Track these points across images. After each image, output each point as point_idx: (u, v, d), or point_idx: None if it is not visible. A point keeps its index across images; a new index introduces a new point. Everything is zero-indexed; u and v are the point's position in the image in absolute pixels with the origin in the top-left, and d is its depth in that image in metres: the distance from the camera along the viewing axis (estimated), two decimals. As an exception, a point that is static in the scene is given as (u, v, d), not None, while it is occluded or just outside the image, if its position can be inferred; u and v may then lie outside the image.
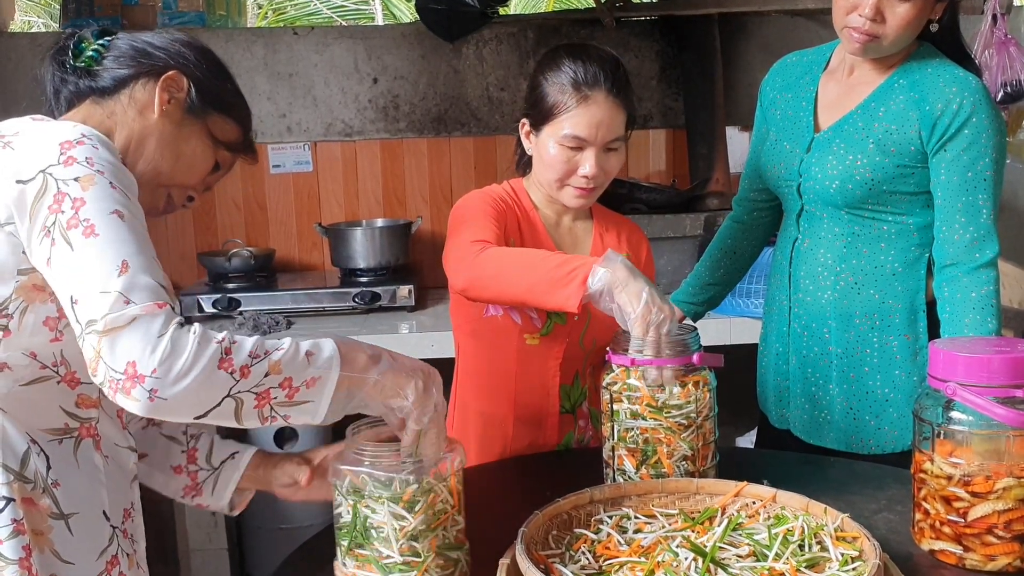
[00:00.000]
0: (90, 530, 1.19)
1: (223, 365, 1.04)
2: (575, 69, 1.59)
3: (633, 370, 1.42)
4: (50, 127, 1.16)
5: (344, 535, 1.17)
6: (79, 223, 1.07)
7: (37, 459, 1.15)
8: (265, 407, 1.08)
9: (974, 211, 1.65)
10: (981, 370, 1.21)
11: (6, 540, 1.11)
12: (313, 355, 1.10)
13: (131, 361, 1.00)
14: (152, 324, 1.02)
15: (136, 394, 1.00)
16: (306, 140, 3.29)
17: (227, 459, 1.40)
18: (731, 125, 3.30)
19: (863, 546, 1.15)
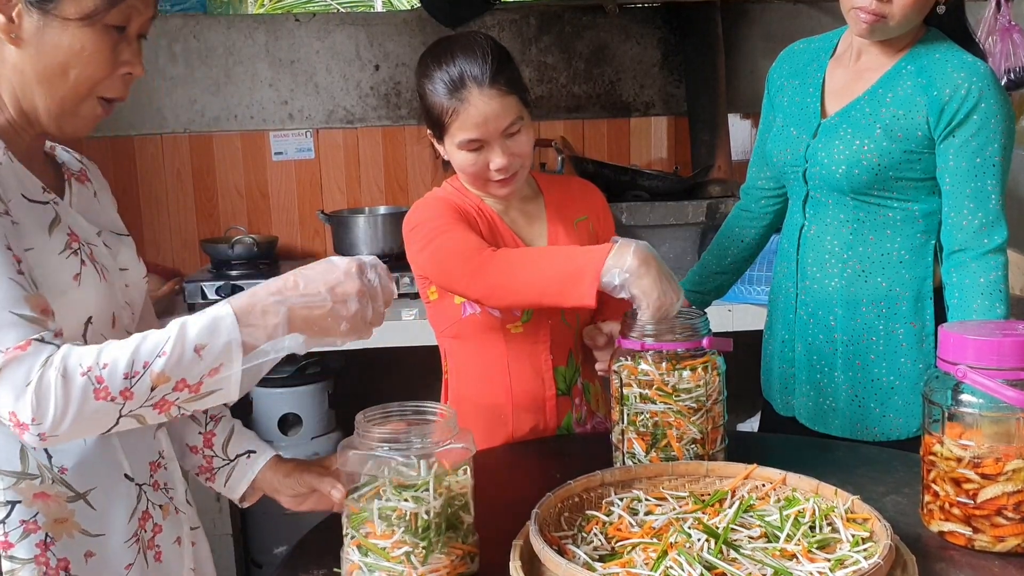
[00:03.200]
0: (113, 497, 1.18)
1: (99, 395, 1.01)
2: (442, 75, 1.58)
3: (642, 354, 1.43)
4: None
5: (353, 522, 1.16)
6: None
7: (35, 453, 1.12)
8: (171, 409, 1.06)
9: (983, 197, 1.65)
10: (991, 353, 1.21)
11: (17, 542, 1.11)
12: (205, 347, 1.04)
13: (10, 412, 1.00)
14: (17, 373, 0.99)
15: (28, 439, 1.01)
16: (308, 127, 3.28)
17: (242, 455, 1.36)
18: (733, 112, 3.30)
19: (874, 527, 1.16)
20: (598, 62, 3.34)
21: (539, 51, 3.30)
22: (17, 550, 1.11)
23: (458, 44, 1.61)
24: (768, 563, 1.10)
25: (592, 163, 2.97)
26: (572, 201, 1.78)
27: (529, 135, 1.63)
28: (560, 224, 1.74)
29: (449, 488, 1.16)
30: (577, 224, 1.75)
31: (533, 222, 1.74)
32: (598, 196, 1.83)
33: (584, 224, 1.76)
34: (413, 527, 1.12)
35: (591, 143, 3.37)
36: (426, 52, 1.65)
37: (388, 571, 1.13)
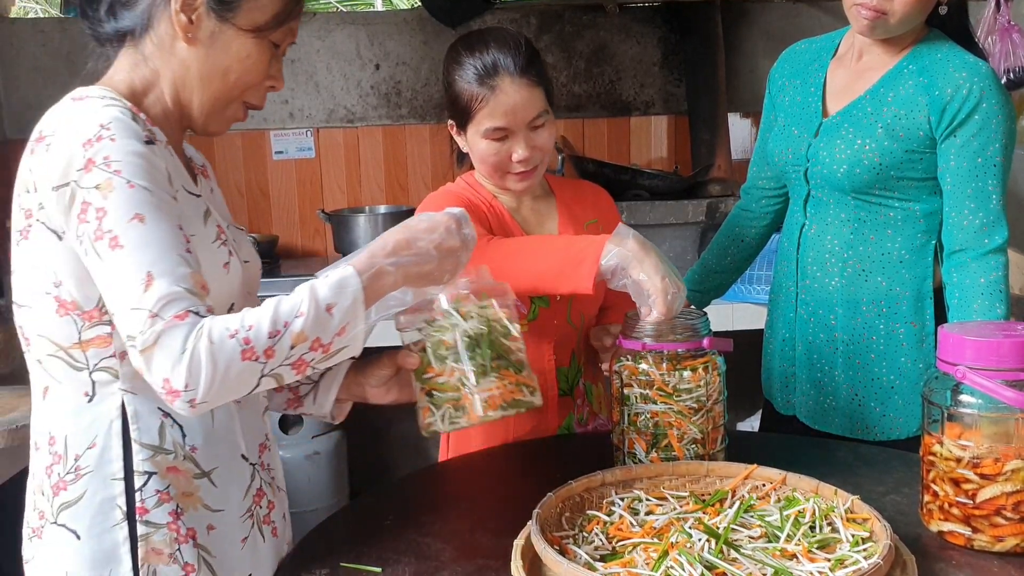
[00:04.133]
0: (232, 476, 1.27)
1: (245, 356, 1.08)
2: (474, 62, 1.59)
3: (643, 354, 1.43)
4: (76, 119, 1.14)
5: (417, 373, 1.32)
6: (103, 235, 1.08)
7: (172, 430, 1.21)
8: (306, 369, 1.14)
9: (983, 197, 1.65)
10: (990, 354, 1.21)
11: (153, 509, 1.20)
12: (335, 305, 1.13)
13: (165, 379, 1.06)
14: (174, 341, 1.06)
15: (178, 405, 1.08)
16: (308, 126, 3.29)
17: (325, 372, 1.43)
18: (733, 112, 3.31)
19: (873, 527, 1.17)
20: (598, 61, 3.34)
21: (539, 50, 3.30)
22: (152, 515, 1.20)
23: (492, 35, 1.64)
24: (768, 563, 1.11)
25: (592, 162, 2.97)
26: (583, 203, 1.78)
27: (552, 131, 1.65)
28: (571, 225, 1.74)
29: (480, 315, 1.29)
30: (587, 227, 1.75)
31: (544, 221, 1.74)
32: (608, 200, 1.84)
33: (594, 227, 1.76)
34: (459, 353, 1.27)
35: (591, 142, 3.38)
36: (457, 41, 1.67)
37: (449, 400, 1.29)
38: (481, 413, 1.27)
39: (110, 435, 1.19)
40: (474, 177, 1.74)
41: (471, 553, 1.27)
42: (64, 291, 1.16)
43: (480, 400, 1.27)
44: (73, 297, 1.16)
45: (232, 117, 1.28)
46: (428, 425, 1.33)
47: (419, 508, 1.42)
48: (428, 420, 1.33)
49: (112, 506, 1.19)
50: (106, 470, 1.19)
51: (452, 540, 1.31)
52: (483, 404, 1.27)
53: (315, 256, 3.34)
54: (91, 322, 1.16)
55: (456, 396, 1.28)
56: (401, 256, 1.21)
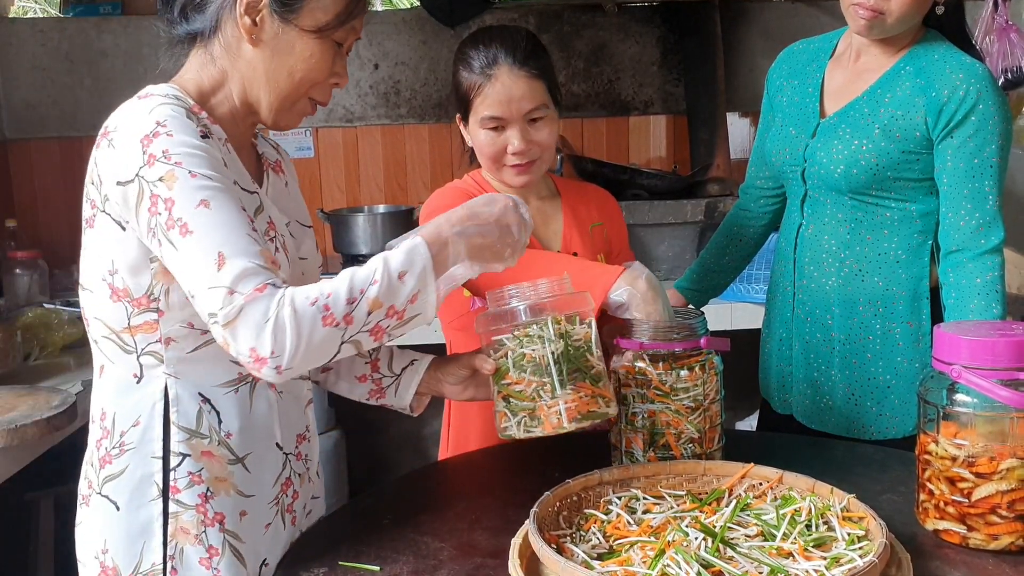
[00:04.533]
0: (265, 463, 1.32)
1: (326, 322, 1.13)
2: (476, 53, 1.63)
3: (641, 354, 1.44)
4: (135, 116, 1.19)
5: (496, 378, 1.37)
6: (174, 224, 1.14)
7: (209, 416, 1.27)
8: (383, 336, 1.19)
9: (980, 197, 1.66)
10: (985, 353, 1.22)
11: (184, 490, 1.26)
12: (406, 273, 1.18)
13: (251, 348, 1.12)
14: (256, 312, 1.11)
15: (265, 372, 1.13)
16: (307, 126, 3.29)
17: (407, 366, 1.50)
18: (732, 111, 3.31)
19: (869, 526, 1.17)
20: (597, 61, 3.35)
21: (538, 50, 3.31)
22: (183, 496, 1.26)
23: (498, 29, 1.68)
24: (765, 561, 1.11)
25: (591, 162, 2.98)
26: (589, 206, 1.79)
27: (552, 128, 1.65)
28: (576, 227, 1.75)
29: (566, 332, 1.33)
30: (592, 230, 1.76)
31: (549, 222, 1.75)
32: (614, 205, 1.85)
33: (599, 230, 1.77)
34: (540, 366, 1.31)
35: (590, 142, 3.38)
36: (466, 37, 1.70)
37: (524, 410, 1.33)
38: (556, 424, 1.31)
39: (153, 416, 1.25)
40: (481, 175, 1.76)
41: (469, 552, 1.27)
42: (118, 279, 1.22)
43: (555, 413, 1.31)
44: (125, 284, 1.22)
45: (301, 112, 1.33)
46: (504, 429, 1.37)
47: (417, 507, 1.43)
48: (504, 425, 1.36)
49: (150, 483, 1.26)
50: (147, 448, 1.26)
51: (450, 539, 1.31)
52: (557, 416, 1.31)
53: (314, 256, 3.34)
54: (139, 309, 1.22)
55: (532, 406, 1.32)
56: (465, 226, 1.26)
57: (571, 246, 1.73)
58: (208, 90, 1.29)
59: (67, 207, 3.25)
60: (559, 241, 1.73)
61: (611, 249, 1.79)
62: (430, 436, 3.30)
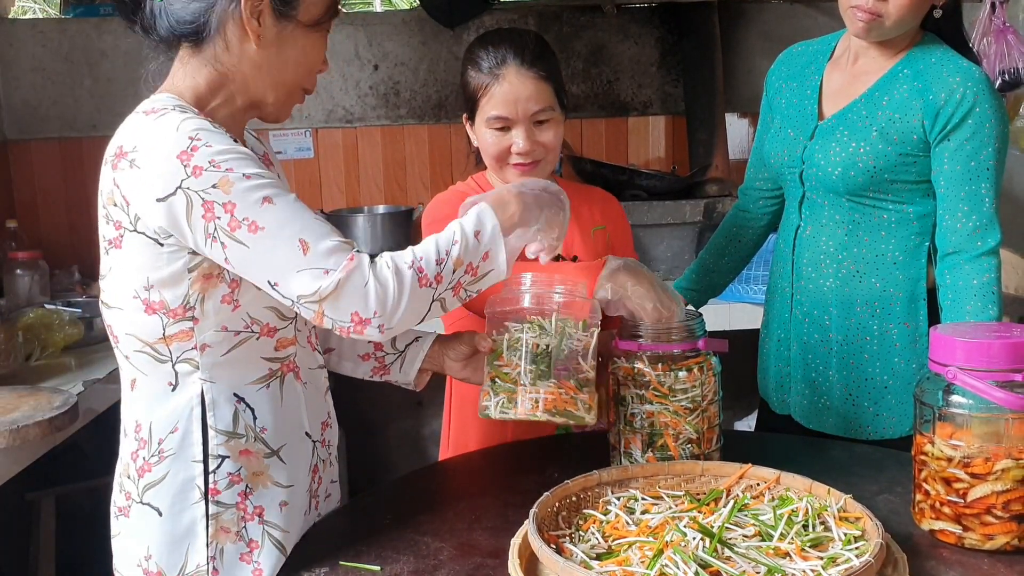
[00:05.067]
0: (298, 452, 1.37)
1: (422, 282, 1.23)
2: (485, 54, 1.64)
3: (639, 355, 1.45)
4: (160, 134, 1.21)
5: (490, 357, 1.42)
6: (240, 224, 1.18)
7: (244, 415, 1.31)
8: (460, 292, 1.29)
9: (976, 200, 1.67)
10: (981, 355, 1.23)
11: (224, 490, 1.30)
12: (480, 232, 1.29)
13: (354, 312, 1.20)
14: (355, 279, 1.19)
15: (369, 332, 1.22)
16: (307, 127, 3.30)
17: (411, 343, 1.56)
18: (731, 112, 3.32)
19: (866, 526, 1.19)
20: (596, 62, 3.36)
21: (538, 51, 3.32)
22: (223, 496, 1.30)
23: (508, 31, 1.69)
24: (762, 561, 1.12)
25: (590, 162, 2.99)
26: (592, 209, 1.79)
27: (558, 130, 1.67)
28: (577, 231, 1.74)
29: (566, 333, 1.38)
30: (594, 233, 1.76)
31: None
32: (618, 208, 1.85)
33: (601, 234, 1.77)
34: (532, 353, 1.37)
35: (589, 142, 3.39)
36: (476, 38, 1.72)
37: (506, 391, 1.38)
38: (530, 409, 1.36)
39: (191, 420, 1.29)
40: (485, 177, 1.77)
41: (469, 552, 1.28)
42: (154, 293, 1.25)
43: (531, 399, 1.36)
44: (162, 298, 1.25)
45: (295, 102, 1.38)
46: (483, 408, 1.42)
47: (417, 507, 1.44)
48: (484, 403, 1.42)
49: (192, 486, 1.29)
50: (187, 453, 1.29)
51: (450, 539, 1.32)
52: (532, 403, 1.36)
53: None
54: (175, 319, 1.26)
55: (513, 389, 1.38)
56: (523, 187, 1.37)
57: (572, 249, 1.73)
58: (206, 94, 1.31)
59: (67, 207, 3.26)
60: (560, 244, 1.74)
61: (614, 252, 1.79)
62: (430, 436, 3.31)
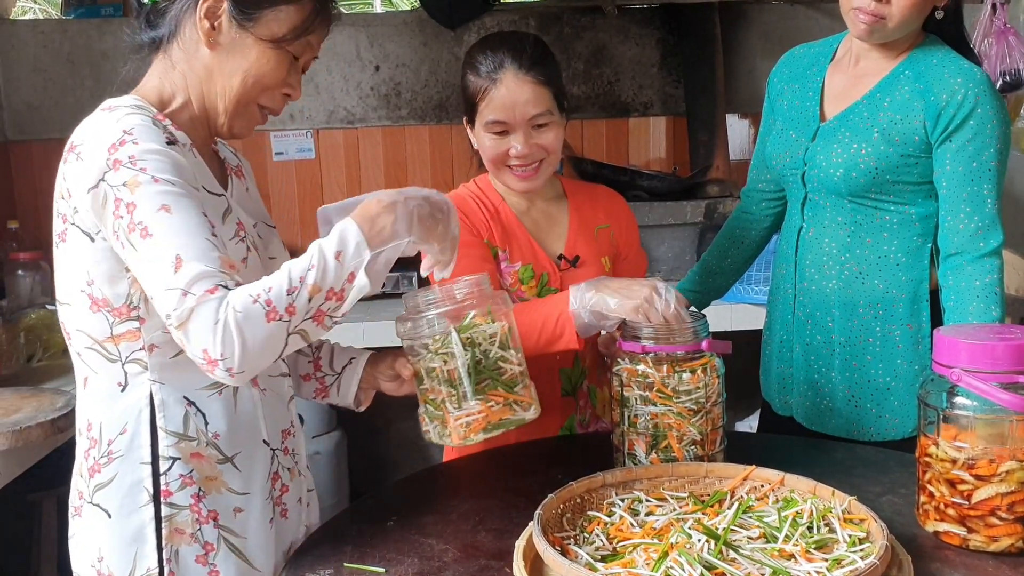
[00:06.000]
0: (254, 460, 1.34)
1: (270, 317, 1.15)
2: (483, 58, 1.63)
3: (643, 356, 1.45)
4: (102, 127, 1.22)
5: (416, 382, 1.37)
6: (135, 227, 1.17)
7: (195, 418, 1.29)
8: (325, 320, 1.21)
9: (979, 201, 1.67)
10: (985, 356, 1.23)
11: (176, 492, 1.28)
12: (342, 253, 1.20)
13: (203, 350, 1.14)
14: (207, 313, 1.13)
15: (218, 373, 1.15)
16: (308, 127, 3.30)
17: (347, 365, 1.52)
18: (731, 112, 3.32)
19: (870, 527, 1.19)
20: (597, 63, 3.36)
21: (538, 52, 3.32)
22: (175, 498, 1.28)
23: (507, 34, 1.69)
24: (767, 563, 1.12)
25: (591, 163, 2.99)
26: (596, 208, 1.79)
27: (558, 134, 1.66)
28: (580, 230, 1.75)
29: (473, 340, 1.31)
30: (598, 232, 1.76)
31: (554, 225, 1.76)
32: (623, 206, 1.84)
33: (605, 232, 1.77)
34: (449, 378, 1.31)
35: (590, 143, 3.39)
36: (475, 42, 1.71)
37: (437, 418, 1.34)
38: (463, 435, 1.31)
39: (139, 422, 1.27)
40: (487, 179, 1.76)
41: (473, 553, 1.28)
42: (96, 289, 1.24)
43: (462, 424, 1.31)
44: (104, 295, 1.24)
45: (253, 119, 1.36)
46: (425, 433, 1.39)
47: (421, 509, 1.44)
48: (425, 428, 1.39)
49: (140, 488, 1.27)
50: (135, 455, 1.27)
51: (454, 541, 1.32)
52: (464, 427, 1.31)
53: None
54: (121, 318, 1.25)
55: (442, 415, 1.33)
56: (396, 198, 1.26)
57: (575, 249, 1.73)
58: (169, 96, 1.32)
59: (68, 208, 3.25)
60: (563, 244, 1.74)
61: (619, 252, 1.80)
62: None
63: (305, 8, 1.31)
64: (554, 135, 1.65)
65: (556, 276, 1.72)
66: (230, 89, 1.30)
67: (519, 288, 1.70)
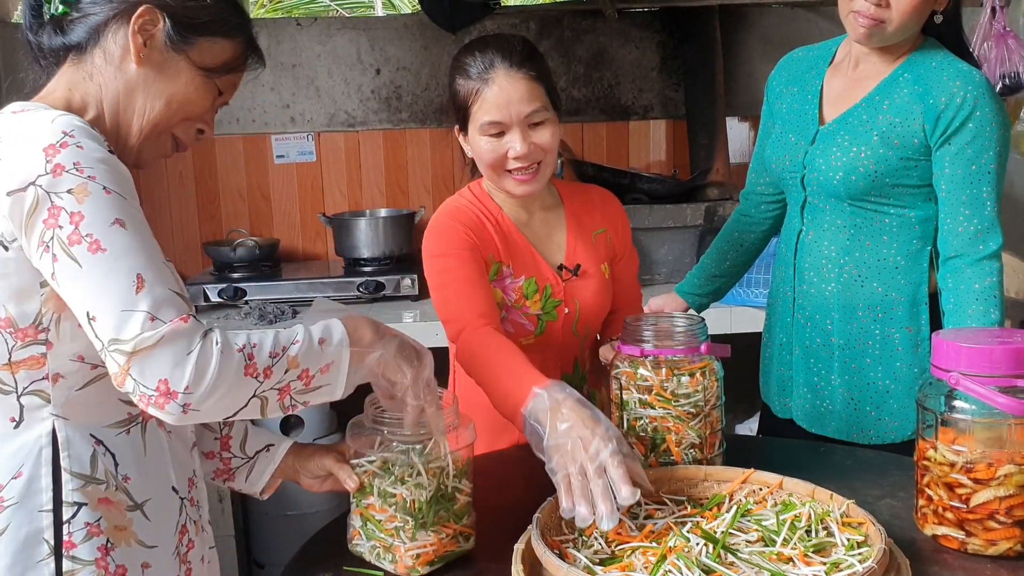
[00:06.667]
0: (164, 509, 1.22)
1: (248, 371, 1.08)
2: (472, 60, 1.60)
3: (642, 360, 1.45)
4: (30, 126, 1.10)
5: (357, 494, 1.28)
6: (81, 239, 1.05)
7: (104, 459, 1.16)
8: (286, 398, 1.13)
9: (978, 204, 1.67)
10: (983, 360, 1.23)
11: (80, 544, 1.13)
12: (325, 341, 1.15)
13: (163, 379, 1.04)
14: (179, 342, 1.04)
15: (170, 408, 1.05)
16: (309, 130, 3.30)
17: (262, 450, 1.39)
18: (731, 116, 3.32)
19: (868, 531, 1.19)
20: (597, 66, 3.36)
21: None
22: (79, 551, 1.13)
23: (494, 36, 1.65)
24: (765, 567, 1.12)
25: (591, 166, 2.99)
26: (592, 212, 1.77)
27: (554, 131, 1.61)
28: (579, 238, 1.73)
29: (441, 470, 1.24)
30: (595, 237, 1.74)
31: (552, 233, 1.73)
32: (617, 207, 1.81)
33: (602, 237, 1.75)
34: (407, 507, 1.23)
35: (590, 146, 3.39)
36: (461, 48, 1.67)
37: (381, 541, 1.25)
38: (410, 566, 1.24)
39: (39, 463, 1.13)
40: (482, 186, 1.73)
41: (472, 557, 1.29)
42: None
43: (411, 555, 1.24)
44: (8, 313, 1.11)
45: (161, 149, 1.26)
46: (355, 546, 1.30)
47: (421, 512, 1.44)
48: (356, 543, 1.29)
49: (38, 540, 1.12)
50: (33, 501, 1.12)
51: (453, 544, 1.32)
52: (412, 558, 1.24)
53: (316, 259, 3.36)
54: (24, 341, 1.11)
55: (389, 541, 1.24)
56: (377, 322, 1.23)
57: (576, 257, 1.72)
58: (79, 108, 1.20)
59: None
60: (563, 254, 1.72)
61: (615, 255, 1.79)
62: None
63: (238, 46, 1.26)
64: (550, 133, 1.61)
65: (559, 287, 1.70)
66: (151, 110, 1.21)
67: (524, 304, 1.67)
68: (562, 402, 1.29)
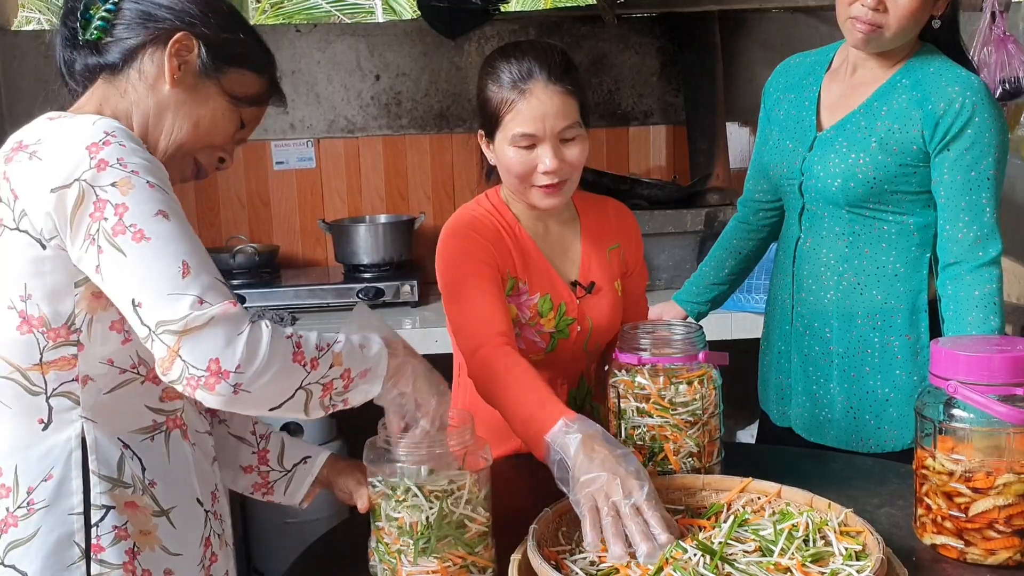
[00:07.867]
0: (189, 519, 1.22)
1: (296, 359, 1.10)
2: (509, 68, 1.54)
3: (640, 368, 1.45)
4: (71, 128, 1.14)
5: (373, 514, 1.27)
6: (126, 229, 1.08)
7: (131, 463, 1.17)
8: (327, 397, 1.14)
9: (977, 210, 1.67)
10: (982, 368, 1.23)
11: (109, 547, 1.14)
12: (365, 347, 1.18)
13: (214, 359, 1.04)
14: (230, 323, 1.06)
15: (220, 389, 1.05)
16: (309, 137, 3.30)
17: (299, 463, 1.40)
18: (731, 121, 3.31)
19: (867, 540, 1.18)
20: (597, 71, 3.36)
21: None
22: (108, 554, 1.14)
23: (531, 44, 1.60)
24: (762, 577, 1.12)
25: (591, 172, 2.98)
26: (607, 226, 1.74)
27: (583, 147, 1.57)
28: (594, 254, 1.70)
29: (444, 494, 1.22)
30: (610, 252, 1.72)
31: (568, 248, 1.70)
32: (632, 222, 1.78)
33: (616, 252, 1.73)
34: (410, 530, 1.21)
35: (590, 152, 3.31)
36: (495, 51, 1.62)
37: (388, 564, 1.24)
38: None
39: (69, 466, 1.14)
40: (499, 195, 1.68)
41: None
42: (32, 305, 1.12)
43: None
44: (42, 312, 1.12)
45: (183, 171, 1.29)
46: (372, 567, 1.29)
47: (418, 521, 1.43)
48: (372, 563, 1.29)
49: (69, 544, 1.13)
50: (64, 504, 1.13)
51: (450, 554, 1.32)
52: None
53: (316, 266, 3.35)
54: (56, 341, 1.13)
55: (394, 563, 1.23)
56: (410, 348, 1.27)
57: (590, 274, 1.69)
58: None
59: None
60: (577, 270, 1.69)
61: (627, 270, 1.76)
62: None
63: (264, 82, 1.31)
64: (580, 150, 1.57)
65: (573, 305, 1.67)
66: (179, 130, 1.24)
67: (539, 322, 1.65)
68: (593, 437, 1.28)
